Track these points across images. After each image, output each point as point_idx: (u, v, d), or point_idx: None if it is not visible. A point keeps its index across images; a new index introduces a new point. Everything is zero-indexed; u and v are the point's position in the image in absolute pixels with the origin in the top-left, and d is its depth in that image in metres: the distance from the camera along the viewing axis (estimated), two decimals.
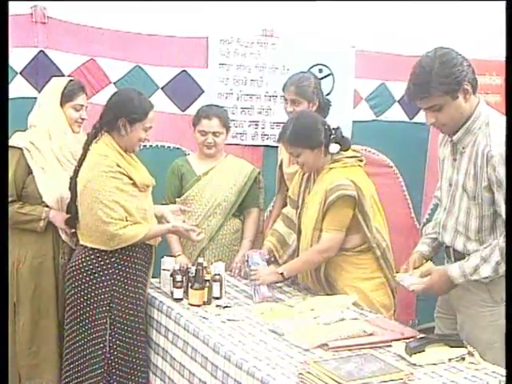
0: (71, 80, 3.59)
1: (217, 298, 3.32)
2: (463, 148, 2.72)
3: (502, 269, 2.61)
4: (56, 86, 3.53)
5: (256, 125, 4.55)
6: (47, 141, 3.44)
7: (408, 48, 4.54)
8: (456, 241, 2.81)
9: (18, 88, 3.78)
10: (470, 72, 2.65)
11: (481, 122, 2.68)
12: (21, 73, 3.85)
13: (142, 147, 3.72)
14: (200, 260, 3.34)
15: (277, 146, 4.46)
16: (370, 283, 3.30)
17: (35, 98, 3.55)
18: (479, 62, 5.01)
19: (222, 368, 2.69)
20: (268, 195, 4.07)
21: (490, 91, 5.18)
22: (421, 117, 4.81)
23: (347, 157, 3.36)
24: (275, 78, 4.48)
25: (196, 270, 3.29)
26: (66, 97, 3.48)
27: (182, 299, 3.30)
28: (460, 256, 2.81)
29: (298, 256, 3.47)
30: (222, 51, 4.38)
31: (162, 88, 4.27)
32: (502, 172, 2.58)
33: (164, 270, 3.44)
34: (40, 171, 3.42)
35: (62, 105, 3.48)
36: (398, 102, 4.95)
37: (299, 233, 3.46)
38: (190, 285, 3.29)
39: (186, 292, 3.31)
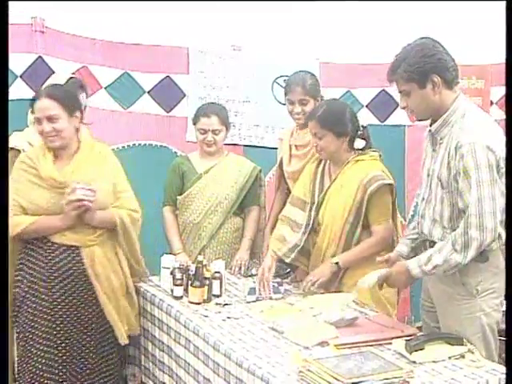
0: (72, 77, 3.56)
1: (217, 296, 3.31)
2: (441, 139, 2.80)
3: (455, 259, 2.66)
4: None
5: (234, 126, 4.73)
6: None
7: (372, 55, 4.81)
8: (433, 230, 2.85)
9: (18, 90, 3.97)
10: (444, 67, 2.73)
11: (458, 114, 2.76)
12: (21, 76, 4.08)
13: (130, 145, 4.40)
14: (200, 258, 3.34)
15: (255, 146, 4.77)
16: None
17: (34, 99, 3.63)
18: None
19: (223, 366, 2.70)
20: None
21: (469, 94, 5.27)
22: (393, 119, 5.09)
23: (372, 150, 3.41)
24: (246, 85, 4.83)
25: (196, 268, 3.30)
26: None
27: (181, 297, 3.30)
28: None
29: (306, 252, 3.45)
30: (199, 60, 4.72)
31: (148, 92, 4.59)
32: (469, 161, 2.63)
33: (164, 267, 3.44)
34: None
35: None
36: (366, 106, 5.11)
37: (318, 225, 3.41)
38: (189, 283, 3.29)
39: (185, 290, 3.31)
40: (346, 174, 3.36)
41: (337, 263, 3.31)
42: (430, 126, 2.87)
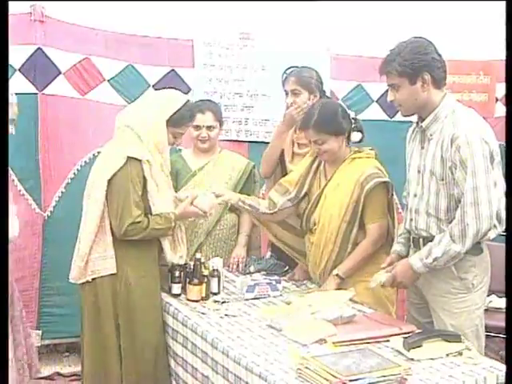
0: (187, 101, 3.38)
1: (215, 294, 3.32)
2: (431, 135, 2.85)
3: (454, 249, 2.72)
4: (170, 103, 3.29)
5: (240, 122, 4.70)
6: (157, 156, 3.25)
7: (386, 49, 4.67)
8: (430, 224, 2.88)
9: (16, 84, 3.86)
10: (436, 66, 2.81)
11: (448, 111, 2.83)
12: (19, 69, 3.96)
13: None
14: (198, 255, 3.34)
15: (261, 142, 4.66)
16: None
17: (33, 93, 3.59)
18: (463, 63, 5.21)
19: (221, 363, 2.70)
20: None
21: (476, 90, 5.32)
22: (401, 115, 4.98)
23: (369, 148, 3.40)
24: (255, 77, 4.72)
25: (194, 266, 3.30)
26: (172, 121, 3.27)
27: (180, 294, 3.31)
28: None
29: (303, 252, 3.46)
30: (205, 53, 4.62)
31: (153, 86, 4.46)
32: (465, 151, 2.69)
33: (162, 265, 3.44)
34: (154, 185, 3.23)
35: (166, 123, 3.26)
36: (377, 101, 5.07)
37: (314, 224, 3.39)
38: (188, 280, 3.29)
39: (184, 287, 3.31)
40: (342, 172, 3.35)
41: (337, 275, 3.29)
42: (418, 123, 2.93)
